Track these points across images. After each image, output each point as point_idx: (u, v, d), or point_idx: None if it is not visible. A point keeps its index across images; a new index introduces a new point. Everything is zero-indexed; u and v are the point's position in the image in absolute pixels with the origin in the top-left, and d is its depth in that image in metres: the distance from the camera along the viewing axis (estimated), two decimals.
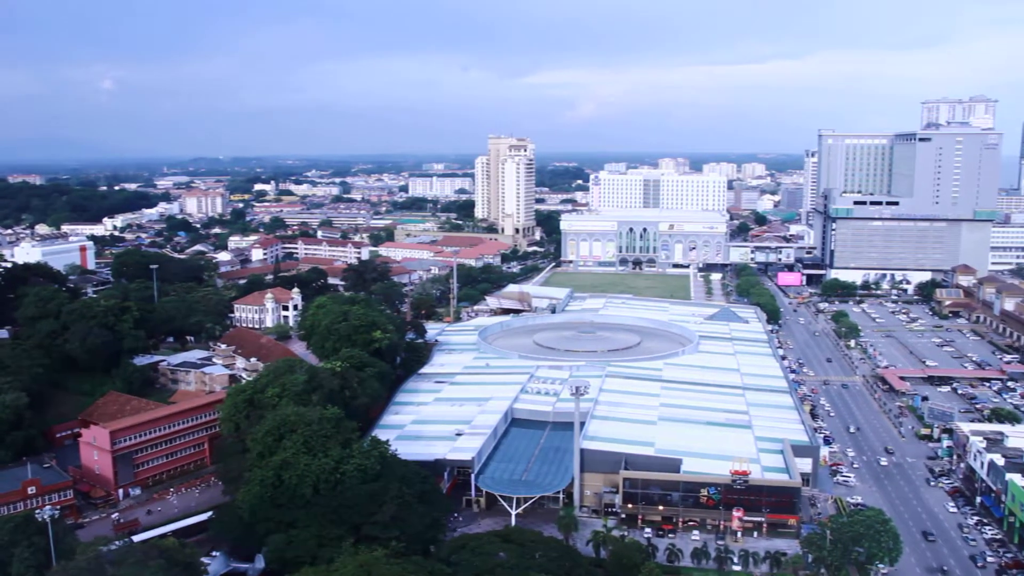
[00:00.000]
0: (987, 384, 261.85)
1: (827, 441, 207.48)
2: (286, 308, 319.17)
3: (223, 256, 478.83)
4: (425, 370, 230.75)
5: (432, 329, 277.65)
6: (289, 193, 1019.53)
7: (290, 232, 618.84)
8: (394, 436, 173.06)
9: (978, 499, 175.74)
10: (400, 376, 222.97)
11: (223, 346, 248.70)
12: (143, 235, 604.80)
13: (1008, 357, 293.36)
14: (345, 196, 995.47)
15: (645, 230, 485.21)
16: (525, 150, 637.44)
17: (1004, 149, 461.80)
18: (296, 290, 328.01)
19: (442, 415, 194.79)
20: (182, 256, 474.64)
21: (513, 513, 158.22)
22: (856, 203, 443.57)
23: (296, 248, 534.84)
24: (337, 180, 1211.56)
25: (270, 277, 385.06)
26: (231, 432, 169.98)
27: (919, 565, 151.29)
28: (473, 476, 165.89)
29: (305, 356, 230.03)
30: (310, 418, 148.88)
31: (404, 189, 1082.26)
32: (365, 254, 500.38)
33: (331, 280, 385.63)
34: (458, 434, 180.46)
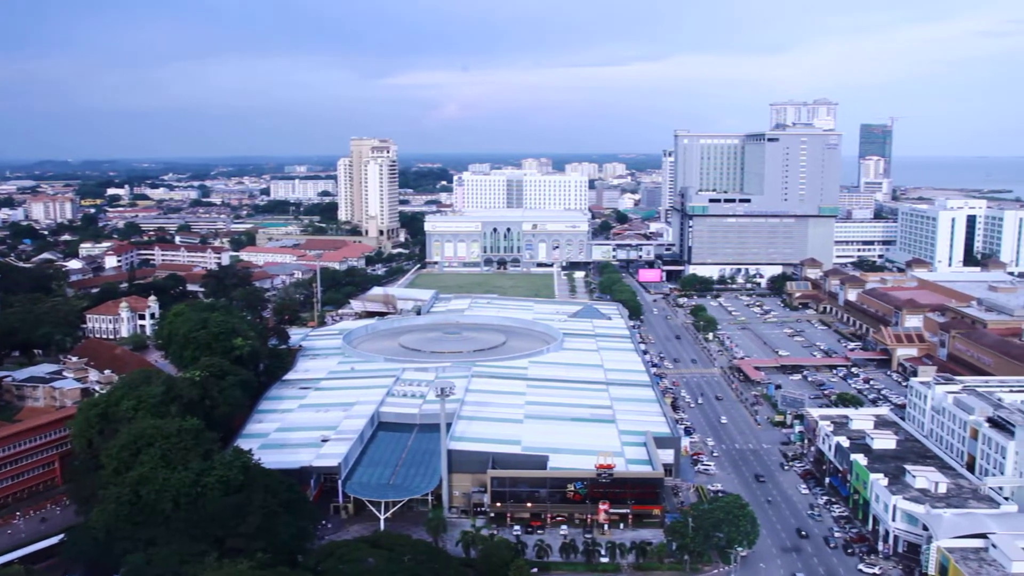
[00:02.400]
0: (834, 371, 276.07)
1: (688, 432, 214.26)
2: (143, 317, 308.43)
3: (73, 264, 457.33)
4: (289, 376, 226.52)
5: (296, 334, 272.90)
6: (145, 197, 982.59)
7: (146, 238, 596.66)
8: (258, 445, 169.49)
9: (827, 480, 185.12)
10: (263, 383, 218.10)
11: (74, 359, 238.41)
12: None
13: (852, 345, 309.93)
14: (204, 200, 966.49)
15: (509, 230, 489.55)
16: (388, 151, 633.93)
17: (844, 149, 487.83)
18: (153, 298, 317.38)
19: (307, 422, 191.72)
20: (28, 265, 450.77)
21: (382, 518, 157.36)
22: (711, 201, 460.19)
23: (153, 255, 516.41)
24: (196, 184, 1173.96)
25: (125, 285, 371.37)
26: (84, 449, 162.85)
27: (775, 546, 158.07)
28: (340, 482, 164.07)
29: (163, 366, 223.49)
30: (168, 430, 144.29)
31: (266, 192, 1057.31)
32: (226, 259, 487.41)
33: (190, 287, 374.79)
34: (324, 440, 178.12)
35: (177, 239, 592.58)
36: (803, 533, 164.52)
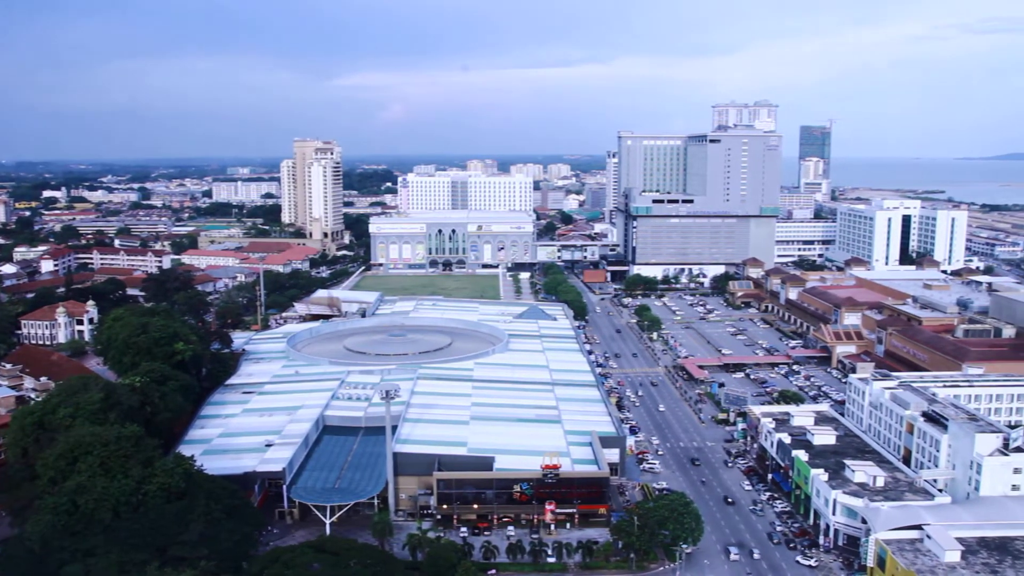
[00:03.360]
0: (776, 368, 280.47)
1: (633, 431, 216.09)
2: (80, 322, 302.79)
3: (7, 268, 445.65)
4: (232, 381, 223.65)
5: (239, 338, 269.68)
6: (83, 200, 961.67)
7: (84, 241, 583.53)
8: (200, 451, 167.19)
9: (770, 476, 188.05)
10: (206, 388, 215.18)
11: (8, 365, 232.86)
12: None
13: (793, 343, 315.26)
14: (145, 202, 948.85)
15: (454, 231, 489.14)
16: (332, 153, 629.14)
17: (784, 150, 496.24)
18: (91, 303, 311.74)
19: (251, 426, 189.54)
20: None
21: (327, 522, 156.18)
22: (655, 201, 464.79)
23: (91, 258, 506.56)
24: (136, 186, 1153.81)
25: (62, 290, 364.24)
26: (18, 458, 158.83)
27: (719, 542, 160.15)
28: (285, 487, 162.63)
29: (102, 372, 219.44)
30: (107, 438, 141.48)
31: (208, 194, 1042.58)
32: (167, 263, 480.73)
33: (130, 291, 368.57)
34: (268, 445, 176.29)
35: (116, 242, 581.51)
36: (729, 500, 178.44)
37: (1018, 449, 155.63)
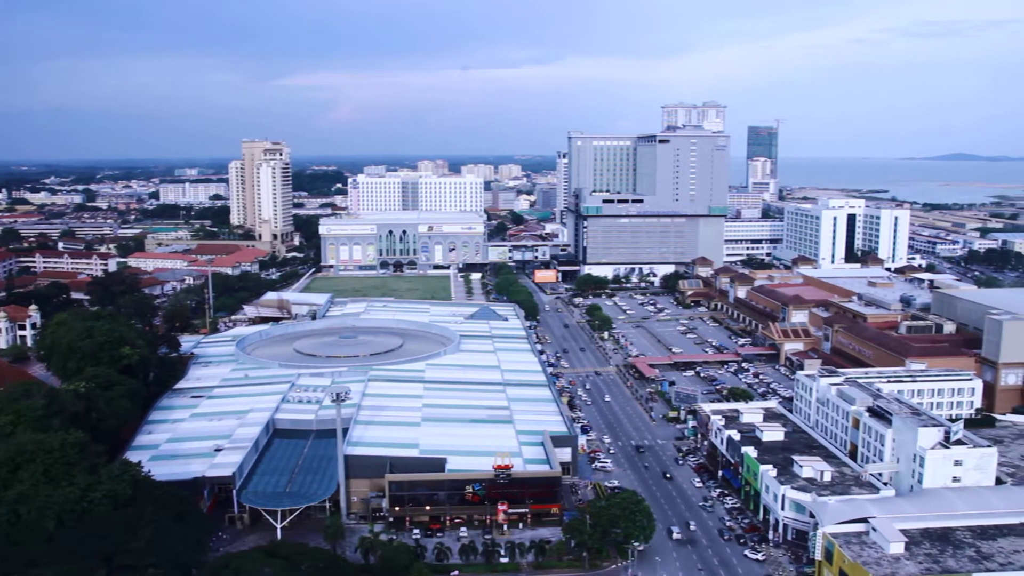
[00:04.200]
0: (725, 366, 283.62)
1: (585, 430, 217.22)
2: (23, 327, 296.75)
3: None
4: (181, 385, 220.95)
5: (187, 342, 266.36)
6: (24, 202, 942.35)
7: (26, 244, 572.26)
8: (148, 457, 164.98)
9: (720, 473, 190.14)
10: (154, 393, 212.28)
11: None
12: None
13: (742, 340, 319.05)
14: (89, 204, 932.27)
15: (405, 232, 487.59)
16: (281, 154, 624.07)
17: (732, 150, 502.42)
18: (34, 307, 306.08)
19: (200, 431, 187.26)
20: None
21: (278, 527, 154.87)
22: (605, 201, 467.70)
23: (34, 262, 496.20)
24: (80, 188, 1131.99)
25: (3, 294, 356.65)
26: None
27: (671, 539, 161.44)
28: (235, 492, 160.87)
29: (45, 378, 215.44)
30: (50, 445, 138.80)
31: (155, 196, 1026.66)
32: (112, 266, 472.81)
33: (75, 295, 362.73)
34: (217, 450, 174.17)
35: (60, 245, 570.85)
36: (668, 475, 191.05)
37: (959, 442, 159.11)
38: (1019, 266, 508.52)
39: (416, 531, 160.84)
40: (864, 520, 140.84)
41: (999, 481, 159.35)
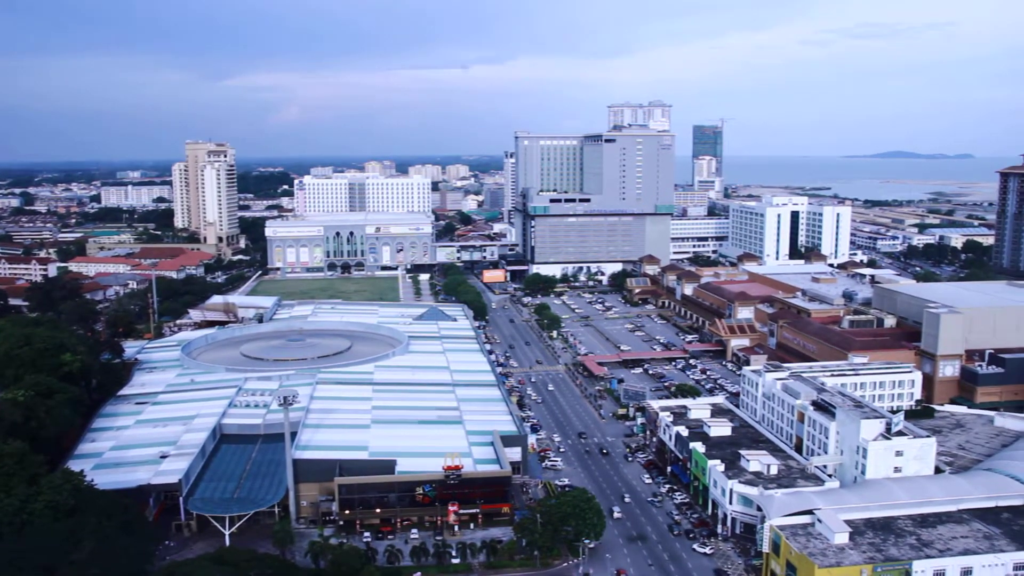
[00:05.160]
0: (673, 363, 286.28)
1: (535, 429, 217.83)
2: None
3: None
4: (125, 391, 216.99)
5: (131, 348, 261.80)
6: None
7: None
8: (91, 465, 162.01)
9: (669, 468, 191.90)
10: (96, 400, 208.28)
11: None
12: None
13: (689, 337, 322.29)
14: (28, 208, 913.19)
15: (352, 234, 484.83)
16: (225, 155, 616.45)
17: (678, 149, 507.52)
18: None
19: (145, 438, 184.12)
20: None
21: (226, 533, 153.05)
22: (552, 201, 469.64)
23: None
24: (17, 191, 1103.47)
25: None
26: None
27: (621, 536, 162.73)
28: (181, 499, 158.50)
29: None
30: None
31: (96, 199, 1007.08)
32: (52, 271, 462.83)
33: (13, 301, 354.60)
34: (163, 456, 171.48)
35: None
36: (605, 450, 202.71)
37: (900, 433, 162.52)
38: (955, 260, 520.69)
39: (367, 534, 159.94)
40: (810, 512, 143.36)
41: (938, 470, 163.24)
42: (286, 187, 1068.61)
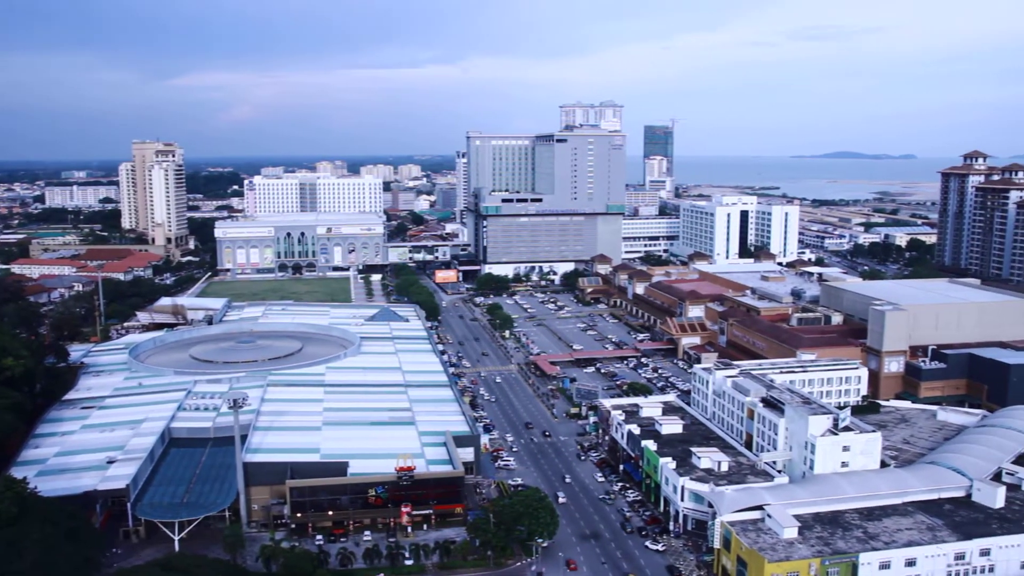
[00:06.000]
0: (625, 362, 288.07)
1: (488, 429, 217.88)
2: None
3: None
4: (70, 396, 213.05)
5: (77, 351, 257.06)
6: None
7: None
8: (34, 472, 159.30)
9: (621, 467, 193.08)
10: (40, 405, 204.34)
11: None
12: None
13: (641, 336, 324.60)
14: None
15: (303, 234, 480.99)
16: (174, 155, 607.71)
17: (629, 149, 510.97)
18: None
19: (91, 443, 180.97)
20: None
21: (175, 539, 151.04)
22: (504, 201, 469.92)
23: None
24: None
25: None
26: None
27: (575, 534, 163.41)
28: (129, 505, 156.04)
29: None
30: None
31: (40, 200, 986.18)
32: None
33: None
34: (110, 462, 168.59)
35: None
36: (547, 434, 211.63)
37: (846, 428, 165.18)
38: (900, 258, 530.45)
39: (319, 537, 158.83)
40: (760, 508, 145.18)
41: (883, 464, 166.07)
42: (236, 187, 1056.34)
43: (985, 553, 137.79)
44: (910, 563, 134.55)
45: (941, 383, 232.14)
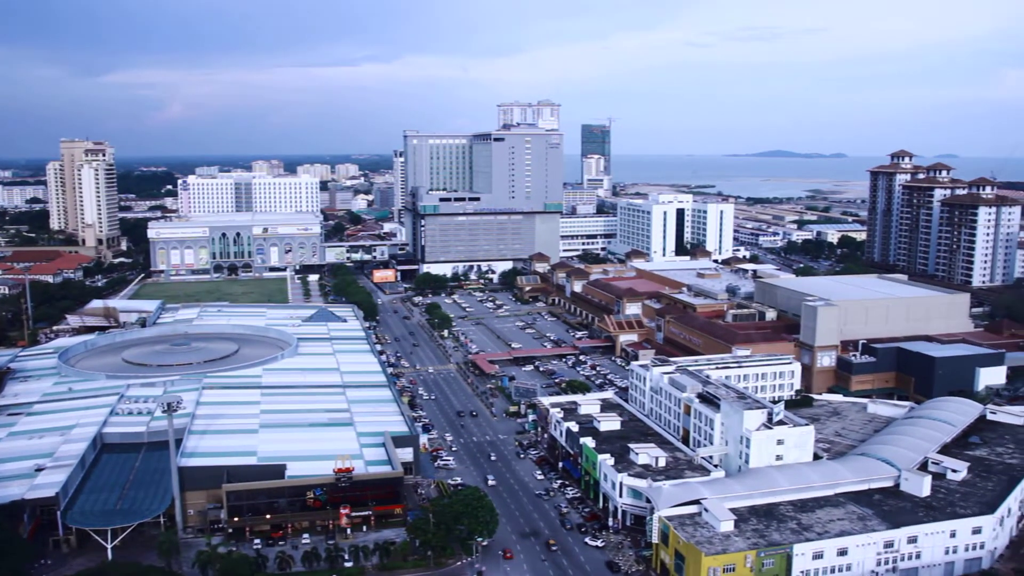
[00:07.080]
0: (564, 359, 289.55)
1: (427, 429, 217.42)
2: None
3: None
4: None
5: (3, 356, 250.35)
6: None
7: None
8: None
9: (560, 464, 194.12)
10: None
11: None
12: None
13: (579, 334, 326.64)
14: None
15: (239, 235, 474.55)
16: (104, 154, 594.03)
17: (567, 148, 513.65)
18: None
19: (18, 451, 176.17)
20: None
21: (108, 547, 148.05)
22: (442, 200, 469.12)
23: None
24: None
25: None
26: None
27: (515, 532, 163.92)
28: (59, 513, 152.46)
29: None
30: None
31: None
32: None
33: None
34: (38, 469, 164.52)
35: None
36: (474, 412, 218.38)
37: (780, 422, 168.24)
38: (831, 255, 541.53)
39: (257, 541, 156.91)
40: (697, 502, 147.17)
41: (816, 457, 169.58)
42: (170, 187, 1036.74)
43: (913, 541, 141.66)
44: (842, 552, 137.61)
45: (871, 376, 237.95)
